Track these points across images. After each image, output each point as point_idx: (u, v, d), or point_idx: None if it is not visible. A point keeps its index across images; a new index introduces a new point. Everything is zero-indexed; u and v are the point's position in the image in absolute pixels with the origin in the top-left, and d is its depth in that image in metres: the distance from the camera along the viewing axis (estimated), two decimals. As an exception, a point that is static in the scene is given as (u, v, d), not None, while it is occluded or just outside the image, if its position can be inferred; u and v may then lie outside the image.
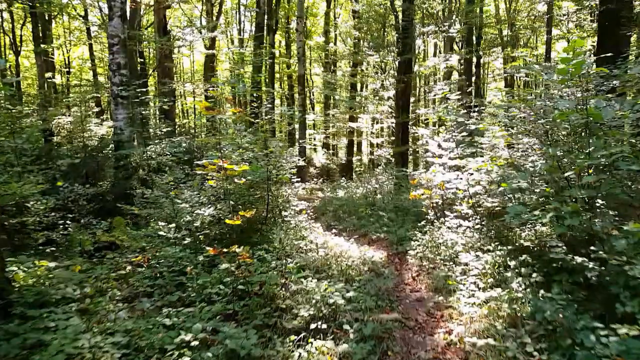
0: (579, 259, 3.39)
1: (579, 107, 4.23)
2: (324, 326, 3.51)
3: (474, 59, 17.64)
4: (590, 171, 4.09)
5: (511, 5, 19.94)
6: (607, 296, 3.37)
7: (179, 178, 6.53)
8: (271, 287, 3.84)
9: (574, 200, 4.23)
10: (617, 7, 8.65)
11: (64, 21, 22.39)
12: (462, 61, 17.50)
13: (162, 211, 5.57)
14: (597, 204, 4.14)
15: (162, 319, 3.66)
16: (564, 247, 3.54)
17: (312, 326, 3.49)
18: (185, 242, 4.67)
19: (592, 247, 3.73)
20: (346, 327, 3.58)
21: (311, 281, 4.21)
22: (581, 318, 3.14)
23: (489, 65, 24.08)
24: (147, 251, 5.39)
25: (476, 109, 9.90)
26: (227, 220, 4.34)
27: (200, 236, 5.34)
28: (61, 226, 6.21)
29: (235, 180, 5.02)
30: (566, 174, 3.95)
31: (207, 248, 3.97)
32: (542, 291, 3.75)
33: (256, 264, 4.38)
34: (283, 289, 4.05)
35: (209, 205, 5.31)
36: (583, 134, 4.90)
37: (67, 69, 23.36)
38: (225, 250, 3.65)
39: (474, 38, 17.01)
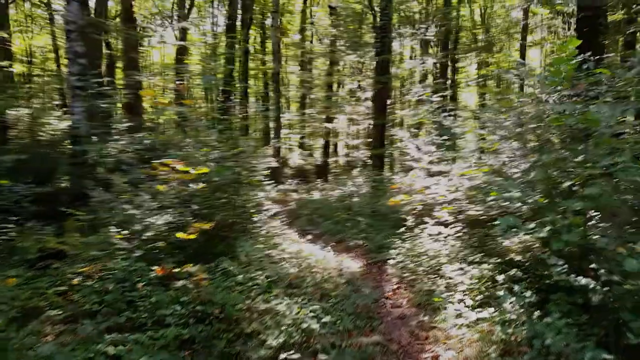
0: (583, 280, 3.04)
1: (575, 111, 3.93)
2: (296, 356, 3.04)
3: (450, 63, 17.61)
4: (587, 180, 3.79)
5: (486, 11, 20.10)
6: (611, 320, 3.04)
7: (136, 178, 5.90)
8: (234, 310, 3.33)
9: (565, 211, 3.92)
10: (595, 14, 8.52)
11: (25, 8, 21.02)
12: (437, 65, 17.40)
13: (115, 216, 4.96)
14: (593, 217, 3.85)
15: (105, 347, 3.11)
16: (565, 266, 3.20)
17: (282, 356, 3.01)
18: (137, 254, 4.08)
19: (589, 264, 3.42)
20: (321, 356, 3.12)
21: (282, 300, 3.72)
22: (585, 347, 2.80)
23: (463, 70, 24.21)
24: (98, 261, 4.76)
25: (452, 113, 9.71)
26: (178, 235, 3.79)
27: (159, 244, 4.74)
28: (2, 231, 5.49)
29: (191, 185, 4.43)
30: (565, 184, 3.62)
31: (153, 268, 3.39)
32: (537, 312, 3.41)
33: (218, 280, 3.84)
34: (249, 311, 3.54)
35: (169, 210, 4.72)
36: (574, 140, 4.62)
37: (29, 59, 21.96)
38: (176, 270, 3.11)
39: (450, 43, 16.98)
